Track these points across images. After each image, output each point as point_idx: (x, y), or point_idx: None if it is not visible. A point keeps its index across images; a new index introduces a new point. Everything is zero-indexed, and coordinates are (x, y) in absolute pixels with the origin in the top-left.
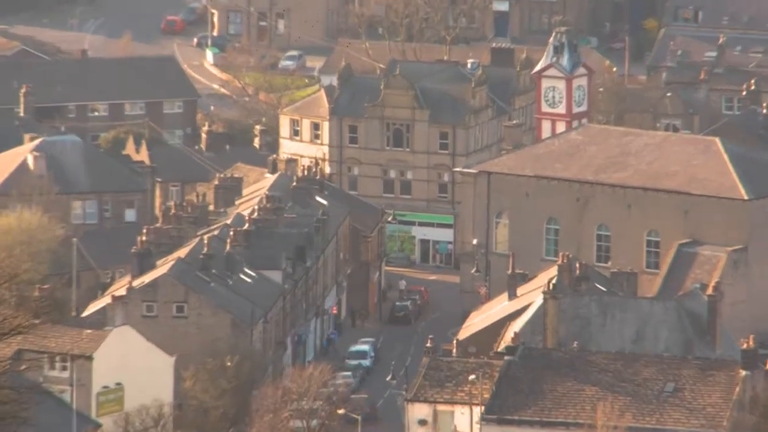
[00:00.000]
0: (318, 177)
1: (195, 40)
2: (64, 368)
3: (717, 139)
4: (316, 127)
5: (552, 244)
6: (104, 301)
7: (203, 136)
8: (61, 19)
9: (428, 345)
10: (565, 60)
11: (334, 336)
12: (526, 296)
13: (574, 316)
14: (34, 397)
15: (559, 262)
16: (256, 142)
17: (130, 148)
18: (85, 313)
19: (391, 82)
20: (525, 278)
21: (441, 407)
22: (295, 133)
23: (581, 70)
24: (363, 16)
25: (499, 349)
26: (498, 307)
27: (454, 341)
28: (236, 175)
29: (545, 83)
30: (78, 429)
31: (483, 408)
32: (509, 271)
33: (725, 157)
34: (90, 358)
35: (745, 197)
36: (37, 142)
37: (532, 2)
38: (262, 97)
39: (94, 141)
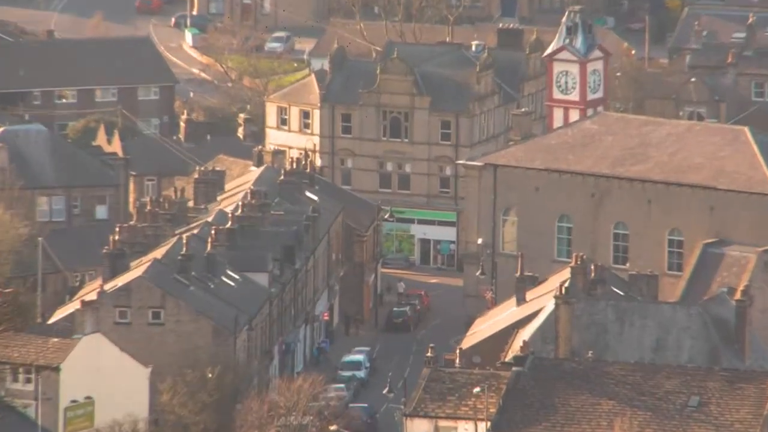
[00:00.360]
0: (308, 170)
1: (173, 19)
2: (28, 380)
3: (746, 129)
4: (305, 115)
5: (564, 243)
6: (73, 306)
7: (182, 125)
8: None
9: (429, 354)
10: (578, 42)
11: (325, 345)
12: (536, 301)
13: (589, 323)
14: None
15: (573, 263)
16: (240, 132)
17: (101, 139)
18: (52, 320)
19: (388, 67)
20: (535, 281)
21: (443, 423)
22: (283, 122)
23: (597, 53)
24: None
25: (506, 359)
26: (505, 313)
27: (457, 350)
28: (218, 169)
29: (557, 67)
30: None
31: (489, 424)
32: (518, 274)
33: (755, 148)
34: (57, 370)
35: None
36: None
37: None
38: (247, 83)
39: (62, 131)
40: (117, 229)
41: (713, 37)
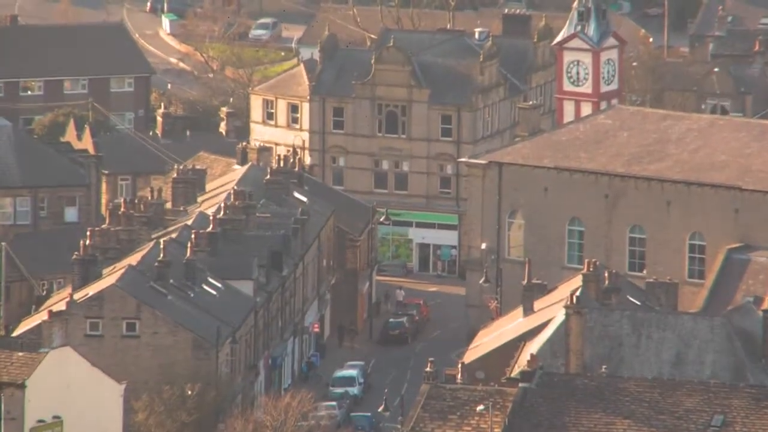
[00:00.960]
0: (296, 169)
1: (148, 4)
2: None
3: None
4: (293, 109)
5: (575, 249)
6: (39, 317)
7: (159, 119)
8: None
9: (428, 369)
10: (591, 29)
11: (315, 359)
12: (545, 311)
13: (603, 335)
14: None
15: (584, 270)
16: (222, 127)
17: (70, 135)
18: (17, 332)
19: (383, 56)
20: (543, 290)
21: None
22: (269, 116)
23: (611, 41)
24: None
25: (512, 375)
26: (511, 325)
27: (459, 365)
28: (198, 167)
29: (568, 57)
30: None
31: None
32: (525, 282)
33: None
34: (22, 387)
35: None
36: None
37: None
38: (229, 74)
39: (28, 125)
40: (88, 233)
41: (739, 23)
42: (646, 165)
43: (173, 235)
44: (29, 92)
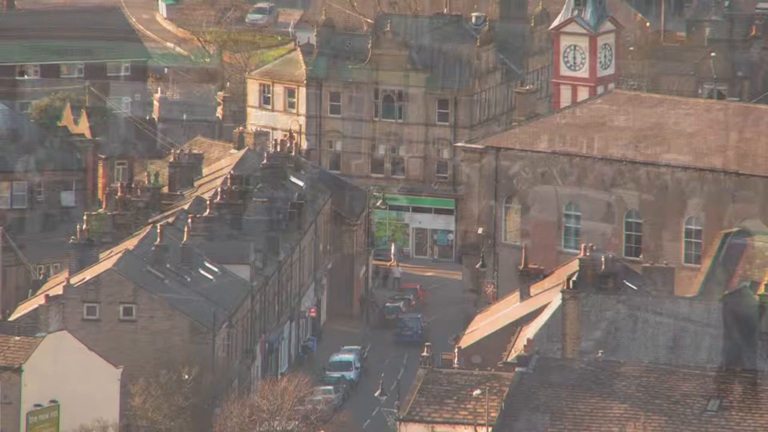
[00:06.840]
0: (293, 153)
1: None
2: None
3: None
4: (290, 93)
5: (572, 234)
6: (36, 301)
7: (156, 104)
8: None
9: (424, 354)
10: (588, 13)
11: (312, 343)
12: (542, 296)
13: (599, 320)
14: None
15: (581, 255)
16: (219, 112)
17: (67, 119)
18: (14, 317)
19: (380, 40)
20: (540, 275)
21: (440, 428)
22: (266, 100)
23: (608, 26)
24: None
25: (508, 359)
26: (508, 309)
27: (456, 349)
28: (195, 151)
29: (565, 41)
30: None
31: (490, 429)
32: (521, 266)
33: None
34: (19, 371)
35: None
36: None
37: None
38: (226, 58)
39: (24, 110)
40: (85, 218)
41: (736, 8)
42: (643, 149)
43: (170, 220)
44: (25, 76)
